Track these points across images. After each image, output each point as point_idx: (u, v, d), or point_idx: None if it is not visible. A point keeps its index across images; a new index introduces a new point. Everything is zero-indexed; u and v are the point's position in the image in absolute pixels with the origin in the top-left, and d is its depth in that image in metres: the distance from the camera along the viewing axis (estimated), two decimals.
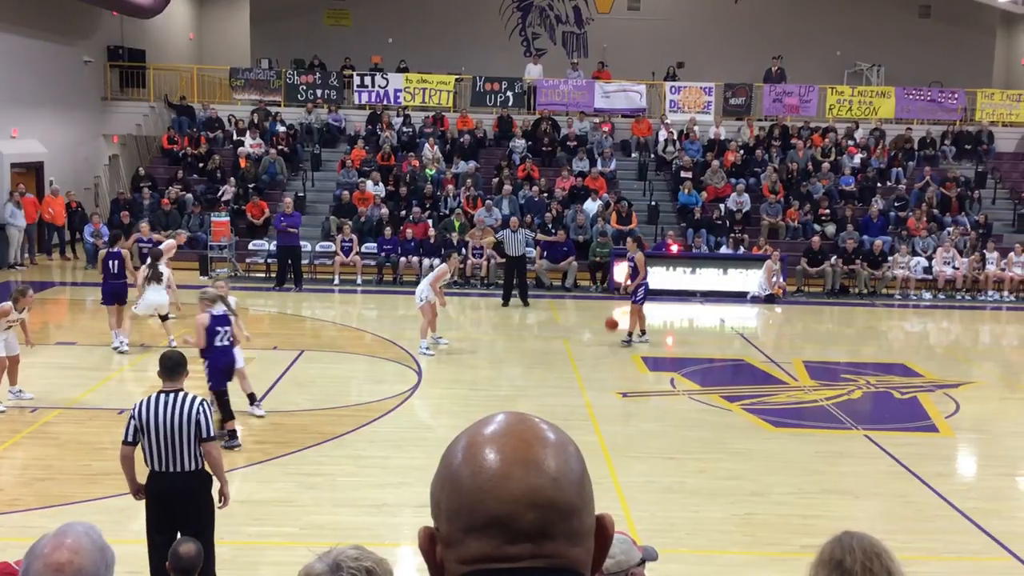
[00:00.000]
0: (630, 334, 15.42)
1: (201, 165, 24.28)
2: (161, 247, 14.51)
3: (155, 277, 13.79)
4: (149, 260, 14.13)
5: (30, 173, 22.97)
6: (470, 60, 29.81)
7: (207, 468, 6.30)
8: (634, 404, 12.09)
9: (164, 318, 14.20)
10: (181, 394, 6.27)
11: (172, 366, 6.37)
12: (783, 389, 12.88)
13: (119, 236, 16.26)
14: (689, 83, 27.16)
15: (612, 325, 14.75)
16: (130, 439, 6.18)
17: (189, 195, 22.97)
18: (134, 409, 6.21)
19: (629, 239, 16.92)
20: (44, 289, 18.70)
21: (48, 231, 22.79)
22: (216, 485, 6.38)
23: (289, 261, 19.73)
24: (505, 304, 18.70)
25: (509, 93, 26.61)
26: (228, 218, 21.51)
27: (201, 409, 6.24)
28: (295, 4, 31.33)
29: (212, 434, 6.27)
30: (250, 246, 21.68)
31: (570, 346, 15.27)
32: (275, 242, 20.45)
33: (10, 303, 10.79)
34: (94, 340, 14.67)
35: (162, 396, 6.24)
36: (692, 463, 9.70)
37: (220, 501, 6.40)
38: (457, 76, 27.11)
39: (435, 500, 1.25)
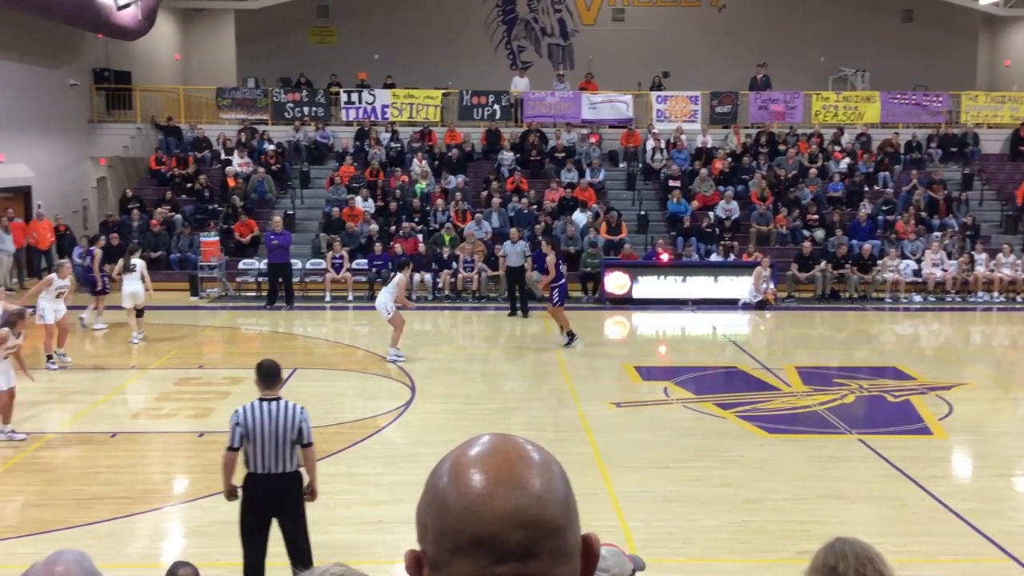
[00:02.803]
0: (570, 334, 15.77)
1: (189, 185, 24.25)
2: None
3: (128, 268, 15.86)
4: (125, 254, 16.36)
5: (18, 197, 22.90)
6: (456, 74, 29.89)
7: (300, 469, 6.60)
8: (628, 414, 12.08)
9: (140, 313, 15.95)
10: (282, 402, 6.55)
11: (272, 375, 6.64)
12: (776, 395, 12.89)
13: (97, 238, 19.18)
14: (675, 92, 27.26)
15: (545, 286, 15.86)
16: (236, 445, 6.43)
17: (178, 215, 22.94)
18: (239, 416, 6.44)
19: (543, 241, 17.41)
20: (33, 314, 18.59)
21: (35, 255, 22.70)
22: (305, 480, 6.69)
23: (280, 279, 19.70)
24: (512, 314, 18.76)
25: (496, 106, 26.66)
26: (218, 238, 21.47)
27: (303, 416, 6.53)
28: (280, 23, 31.36)
29: (311, 439, 6.57)
30: (240, 265, 21.63)
31: (563, 357, 15.26)
32: (265, 260, 20.41)
33: (7, 329, 10.41)
34: (84, 364, 14.63)
35: (264, 404, 6.50)
36: (687, 471, 9.69)
37: (308, 495, 6.70)
38: (444, 90, 27.15)
39: (421, 522, 1.25)
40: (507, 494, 1.18)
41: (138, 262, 16.16)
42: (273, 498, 6.52)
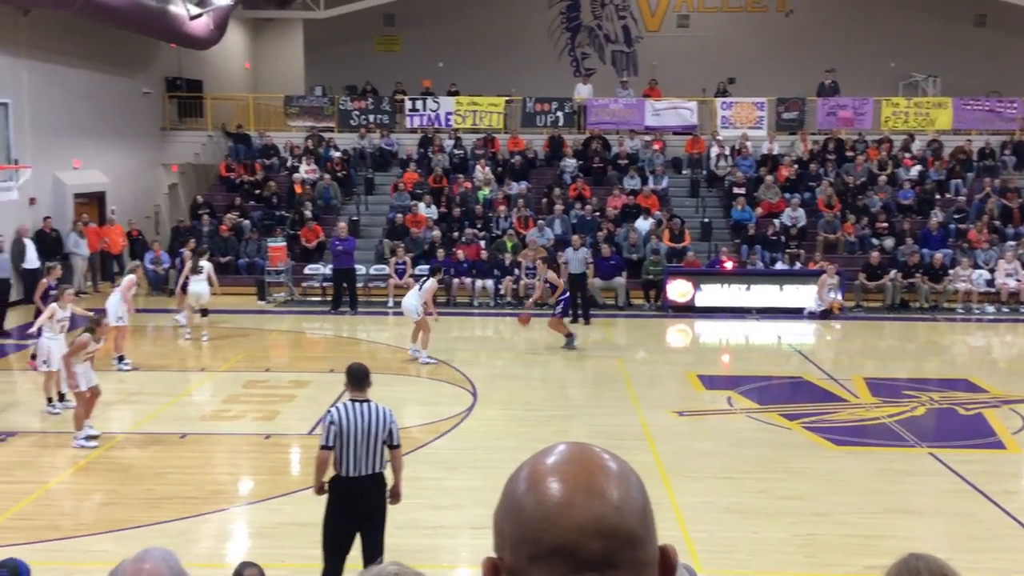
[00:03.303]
0: (568, 335, 16.34)
1: (257, 192, 24.68)
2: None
3: (195, 270, 16.80)
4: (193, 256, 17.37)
5: (92, 203, 23.53)
6: (520, 81, 29.96)
7: (384, 471, 6.71)
8: (690, 423, 11.98)
9: (204, 313, 16.65)
10: (372, 404, 6.66)
11: (361, 377, 6.77)
12: (844, 406, 12.67)
13: (187, 240, 20.34)
14: (741, 99, 26.99)
15: (524, 321, 16.64)
16: (330, 443, 6.52)
17: (246, 221, 23.36)
18: (333, 415, 6.55)
19: (539, 261, 18.35)
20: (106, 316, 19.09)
21: (108, 259, 23.27)
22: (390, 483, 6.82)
23: (344, 284, 19.96)
24: (574, 321, 18.70)
25: (559, 113, 26.66)
26: (284, 243, 21.83)
27: (393, 418, 6.66)
28: (347, 32, 31.79)
29: (400, 441, 6.72)
30: (306, 270, 21.96)
31: (624, 365, 15.19)
32: (330, 266, 20.70)
33: (88, 335, 10.77)
34: (155, 366, 14.97)
35: (356, 405, 6.62)
36: (751, 483, 9.57)
37: (392, 498, 6.79)
38: (507, 97, 27.25)
39: (498, 529, 1.25)
40: (586, 503, 1.18)
41: (205, 264, 16.96)
42: (360, 501, 6.61)
